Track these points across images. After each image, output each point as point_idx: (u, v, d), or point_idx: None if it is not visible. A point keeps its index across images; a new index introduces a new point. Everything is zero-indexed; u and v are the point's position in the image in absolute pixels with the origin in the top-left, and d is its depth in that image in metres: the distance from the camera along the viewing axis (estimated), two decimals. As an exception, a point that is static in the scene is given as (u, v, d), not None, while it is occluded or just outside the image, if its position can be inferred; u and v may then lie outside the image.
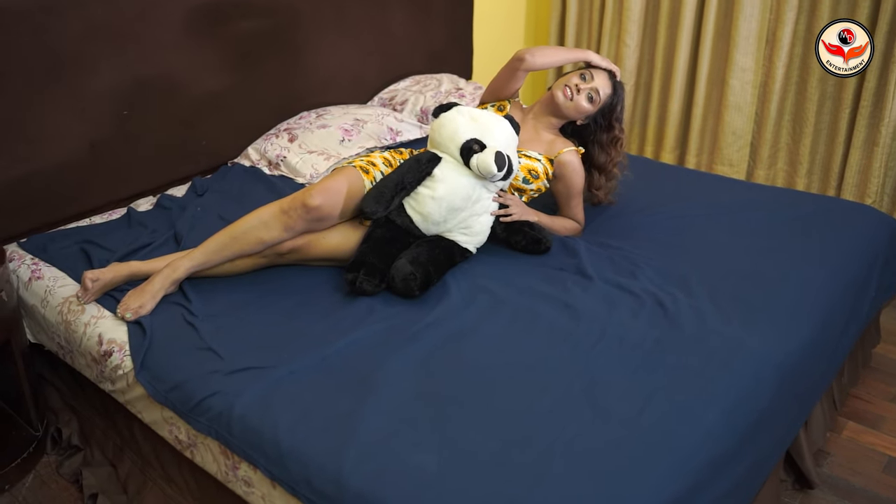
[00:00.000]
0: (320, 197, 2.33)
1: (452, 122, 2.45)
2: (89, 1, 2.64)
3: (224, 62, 3.05)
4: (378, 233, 2.40)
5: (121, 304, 2.26)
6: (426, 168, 2.42)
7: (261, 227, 2.33)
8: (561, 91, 2.66)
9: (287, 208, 2.33)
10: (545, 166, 2.68)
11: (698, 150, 4.14)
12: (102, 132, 2.79)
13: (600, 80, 2.68)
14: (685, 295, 2.36)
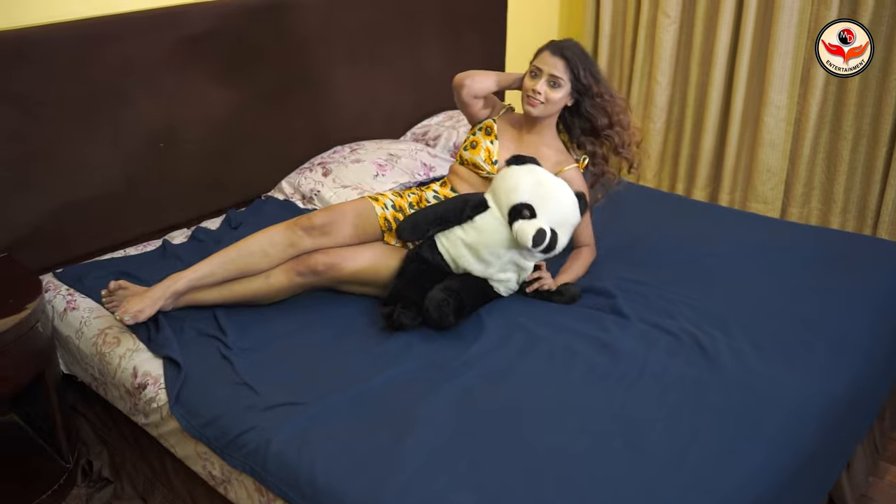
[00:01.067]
0: (323, 214, 2.42)
1: (516, 178, 2.41)
2: (128, 34, 2.65)
3: (259, 96, 3.06)
4: (412, 267, 2.39)
5: (120, 307, 2.27)
6: (470, 212, 2.40)
7: (266, 242, 2.37)
8: (528, 105, 2.59)
9: (291, 223, 2.40)
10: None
11: (731, 187, 4.10)
12: (138, 164, 2.80)
13: (549, 64, 2.55)
14: (724, 335, 2.33)
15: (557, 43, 2.58)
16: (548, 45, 2.59)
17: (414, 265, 2.39)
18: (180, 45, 2.79)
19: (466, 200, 2.43)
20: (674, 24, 4.00)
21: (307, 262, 2.38)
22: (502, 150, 2.66)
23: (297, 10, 3.06)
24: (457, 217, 2.41)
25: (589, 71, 2.58)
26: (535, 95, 2.55)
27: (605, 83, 2.64)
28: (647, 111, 4.20)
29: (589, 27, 4.34)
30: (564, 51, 2.55)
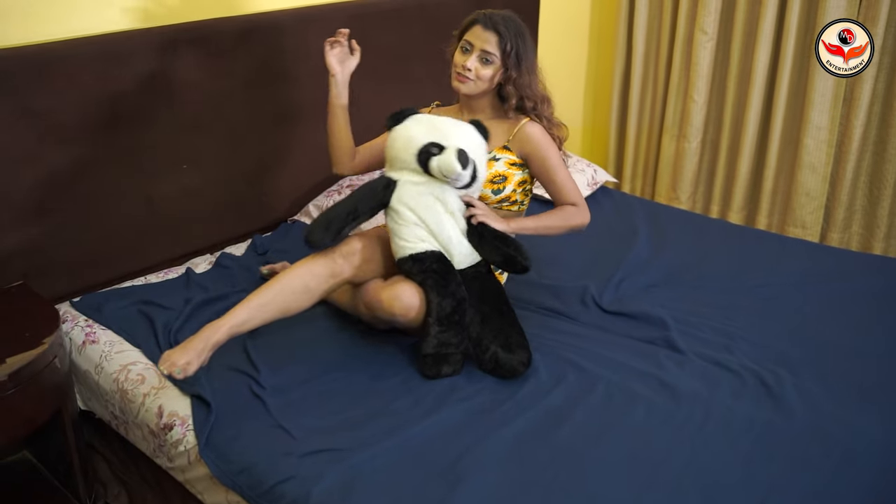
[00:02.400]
0: (360, 239, 2.26)
1: (405, 132, 2.23)
2: (151, 51, 2.52)
3: (285, 115, 2.92)
4: (444, 305, 2.19)
5: (164, 360, 2.02)
6: (382, 195, 2.22)
7: (306, 276, 2.17)
8: (456, 80, 2.38)
9: (329, 252, 2.21)
10: (508, 159, 2.42)
11: (769, 210, 3.96)
12: (160, 187, 2.66)
13: (481, 38, 2.33)
14: (788, 372, 2.19)
15: (491, 15, 2.35)
16: (480, 17, 2.36)
17: (438, 299, 2.18)
18: (205, 62, 2.65)
19: (373, 187, 2.23)
20: (711, 41, 3.86)
21: (382, 304, 2.19)
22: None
23: (325, 26, 2.91)
24: (371, 204, 2.22)
25: (516, 52, 2.34)
26: (465, 72, 2.34)
27: (530, 66, 2.40)
28: (682, 131, 4.06)
29: (621, 44, 4.21)
30: (498, 25, 2.33)
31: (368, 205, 2.21)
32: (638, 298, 2.59)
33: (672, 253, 2.89)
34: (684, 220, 3.21)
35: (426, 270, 2.18)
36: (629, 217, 3.20)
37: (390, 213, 2.23)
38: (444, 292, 2.16)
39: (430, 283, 2.17)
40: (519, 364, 2.15)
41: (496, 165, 2.40)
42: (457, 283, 2.19)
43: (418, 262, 2.19)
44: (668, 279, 2.72)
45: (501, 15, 2.36)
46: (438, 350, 2.15)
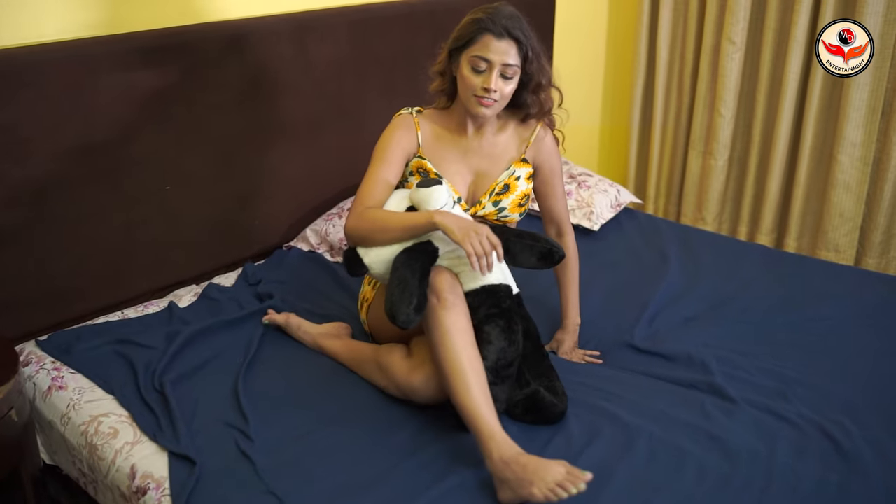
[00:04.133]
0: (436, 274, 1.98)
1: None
2: (130, 60, 2.26)
3: (280, 131, 2.66)
4: (507, 354, 1.91)
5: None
6: (432, 246, 1.96)
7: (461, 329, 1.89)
8: (478, 105, 2.05)
9: (437, 294, 1.89)
10: (527, 173, 2.22)
11: (799, 232, 3.69)
12: (140, 210, 2.40)
13: (499, 51, 2.01)
14: (854, 424, 1.92)
15: (496, 19, 2.01)
16: (487, 24, 2.00)
17: (511, 350, 1.93)
18: (191, 71, 2.39)
19: (419, 248, 1.96)
20: (739, 51, 3.61)
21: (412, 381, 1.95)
22: (451, 176, 2.17)
23: (325, 34, 2.66)
24: (430, 258, 1.95)
25: (536, 54, 2.07)
26: (489, 94, 2.03)
27: (545, 64, 2.13)
28: (708, 147, 3.80)
29: (642, 54, 3.95)
30: (512, 31, 2.00)
31: (430, 259, 1.94)
32: (675, 335, 2.32)
33: (709, 282, 2.62)
34: (718, 244, 2.94)
35: (498, 306, 1.94)
36: (657, 242, 2.92)
37: (446, 252, 1.96)
38: (511, 339, 1.92)
39: (496, 324, 1.92)
40: (560, 412, 1.92)
41: (520, 185, 2.20)
42: (518, 329, 1.95)
43: (492, 296, 1.95)
44: (707, 313, 2.45)
45: (505, 15, 2.03)
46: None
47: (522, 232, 2.02)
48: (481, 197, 2.18)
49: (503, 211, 2.19)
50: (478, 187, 2.19)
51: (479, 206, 2.18)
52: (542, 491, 1.58)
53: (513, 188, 2.18)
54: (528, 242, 1.99)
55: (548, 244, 1.99)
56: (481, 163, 2.19)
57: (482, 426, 1.72)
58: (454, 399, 1.78)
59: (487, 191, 2.17)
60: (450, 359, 1.80)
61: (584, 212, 2.97)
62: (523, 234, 2.01)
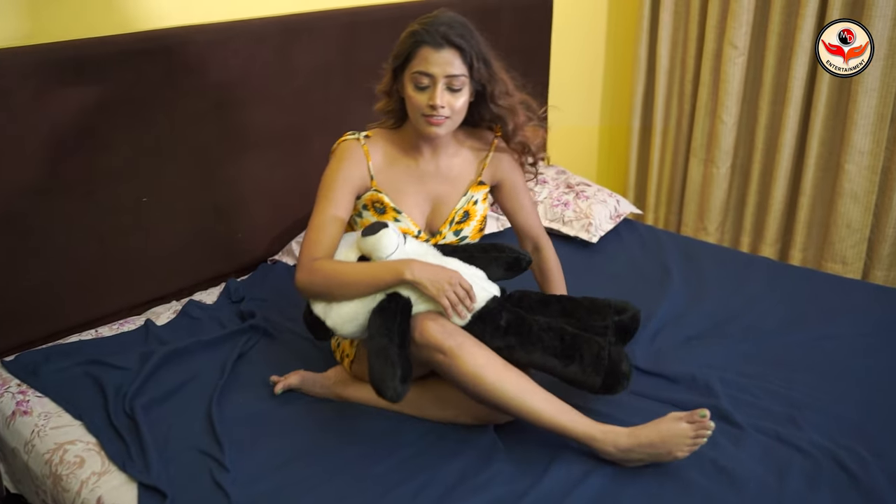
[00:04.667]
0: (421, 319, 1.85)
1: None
2: (104, 63, 2.15)
3: (264, 140, 2.54)
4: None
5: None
6: (403, 299, 1.81)
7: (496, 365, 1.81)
8: (428, 126, 1.88)
9: (444, 341, 1.78)
10: (484, 195, 2.09)
11: (804, 243, 3.58)
12: (115, 222, 2.28)
13: (440, 63, 1.83)
14: (869, 452, 1.82)
15: (431, 28, 1.84)
16: (422, 36, 1.84)
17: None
18: (170, 76, 2.28)
19: (390, 308, 1.80)
20: (742, 55, 3.50)
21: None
22: (410, 208, 2.00)
23: (312, 38, 2.55)
24: (405, 317, 1.80)
25: (483, 60, 1.89)
26: (437, 112, 1.85)
27: (498, 70, 1.95)
28: (710, 154, 3.69)
29: (642, 59, 3.85)
30: (450, 37, 1.83)
31: (405, 316, 1.79)
32: (678, 355, 2.20)
33: (712, 298, 2.50)
34: (722, 257, 2.82)
35: (498, 325, 1.85)
36: (659, 255, 2.80)
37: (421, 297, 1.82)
38: (538, 345, 1.84)
39: (511, 344, 1.84)
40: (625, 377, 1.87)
41: (478, 209, 2.07)
42: (535, 326, 1.87)
43: (486, 320, 1.85)
44: (712, 331, 2.33)
45: (443, 22, 1.85)
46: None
47: (485, 245, 1.97)
48: (441, 227, 2.02)
49: (464, 240, 2.06)
50: (436, 216, 2.03)
51: (439, 236, 2.03)
52: (684, 452, 1.69)
53: (472, 215, 2.06)
54: (493, 255, 1.94)
55: (513, 253, 1.94)
56: (439, 188, 2.02)
57: (577, 435, 1.74)
58: (533, 425, 1.76)
59: (447, 220, 2.02)
60: (498, 395, 1.74)
61: (583, 223, 2.85)
62: (486, 247, 1.96)
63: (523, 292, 1.99)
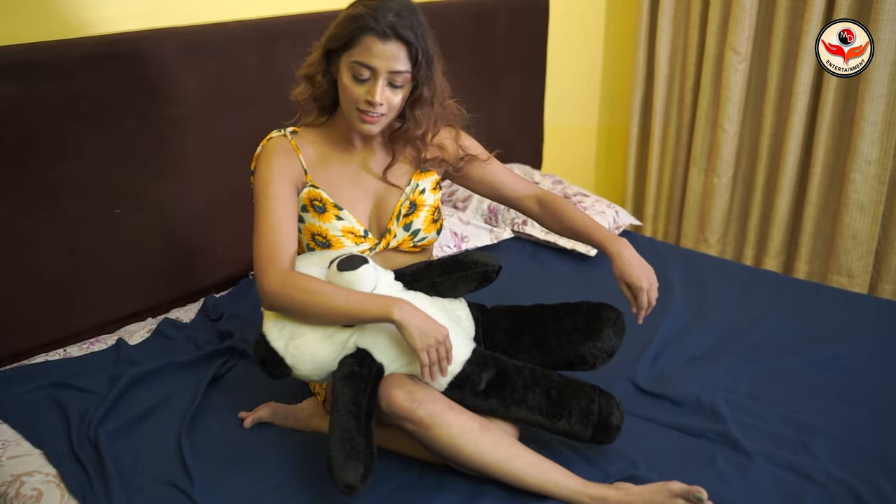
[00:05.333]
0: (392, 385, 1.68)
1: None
2: (73, 66, 2.02)
3: (246, 147, 2.40)
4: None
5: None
6: (368, 364, 1.65)
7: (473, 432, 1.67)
8: (361, 121, 1.71)
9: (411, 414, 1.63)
10: (433, 181, 1.91)
11: (810, 256, 3.46)
12: (86, 235, 2.15)
13: (385, 56, 1.65)
14: (890, 483, 1.68)
15: (379, 15, 1.63)
16: (363, 21, 1.63)
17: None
18: (145, 80, 2.16)
19: (351, 374, 1.63)
20: (744, 61, 3.39)
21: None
22: (351, 205, 1.81)
23: (295, 40, 2.42)
24: (369, 384, 1.63)
25: (427, 58, 1.72)
26: (374, 109, 1.69)
27: (436, 73, 1.77)
28: (711, 164, 3.58)
29: (641, 65, 3.74)
30: (400, 30, 1.64)
31: (375, 387, 1.63)
32: (681, 376, 2.08)
33: (716, 315, 2.38)
34: (725, 271, 2.70)
35: (475, 389, 1.70)
36: (660, 269, 2.62)
37: (395, 360, 1.68)
38: (528, 394, 1.71)
39: (498, 402, 1.71)
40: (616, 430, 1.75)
41: (427, 198, 1.89)
42: (523, 379, 1.73)
43: (467, 381, 1.70)
44: (717, 350, 2.21)
45: (391, 9, 1.65)
46: None
47: (447, 263, 1.79)
48: (388, 224, 1.85)
49: (418, 234, 1.87)
50: (381, 212, 1.85)
51: (389, 235, 1.84)
52: None
53: (420, 204, 1.87)
54: (458, 276, 1.78)
55: (478, 266, 1.78)
56: (379, 183, 1.85)
57: (564, 499, 1.61)
58: (514, 485, 1.63)
59: (393, 214, 1.85)
60: (478, 465, 1.63)
61: (580, 235, 2.73)
62: (448, 266, 1.79)
63: (491, 316, 1.86)
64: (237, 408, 1.92)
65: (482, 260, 1.78)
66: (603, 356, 1.82)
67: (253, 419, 1.88)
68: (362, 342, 1.65)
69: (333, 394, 1.60)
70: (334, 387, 1.61)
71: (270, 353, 1.62)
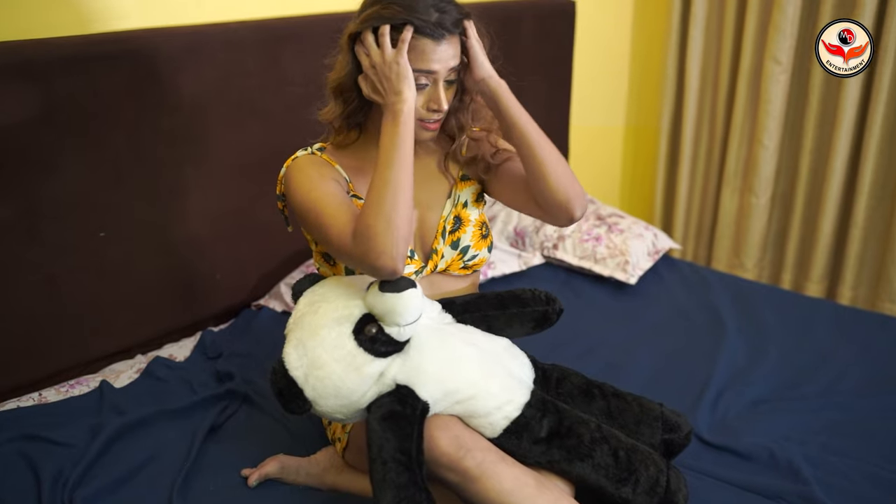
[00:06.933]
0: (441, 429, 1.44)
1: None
2: (55, 73, 1.78)
3: (247, 163, 2.17)
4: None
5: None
6: (412, 403, 1.41)
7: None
8: (422, 132, 1.52)
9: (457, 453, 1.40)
10: (474, 191, 1.69)
11: (855, 281, 3.22)
12: (67, 262, 1.91)
13: (443, 57, 1.46)
14: None
15: (420, 8, 1.43)
16: (417, 22, 1.42)
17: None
18: (133, 87, 1.92)
19: (395, 415, 1.38)
20: (785, 72, 3.15)
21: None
22: None
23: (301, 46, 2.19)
24: (417, 429, 1.39)
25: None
26: (437, 115, 1.51)
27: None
28: (747, 183, 3.33)
29: (671, 75, 3.49)
30: (448, 24, 1.44)
31: (420, 431, 1.39)
32: (747, 424, 1.84)
33: (777, 352, 2.13)
34: (779, 301, 2.44)
35: (533, 437, 1.46)
36: (707, 298, 2.42)
37: (443, 397, 1.43)
38: (596, 451, 1.46)
39: (560, 456, 1.46)
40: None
41: (471, 212, 1.67)
42: (592, 430, 1.49)
43: (525, 427, 1.46)
44: (782, 393, 1.97)
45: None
46: None
47: (504, 297, 1.56)
48: (433, 244, 1.63)
49: (467, 252, 1.65)
50: (424, 231, 1.65)
51: (435, 255, 1.63)
52: None
53: (465, 219, 1.66)
54: (514, 312, 1.55)
55: (539, 304, 1.55)
56: (420, 196, 1.61)
57: None
58: None
59: (437, 231, 1.63)
60: None
61: (618, 261, 2.47)
62: (505, 300, 1.56)
63: (562, 373, 1.60)
64: (239, 464, 1.66)
65: (543, 297, 1.54)
66: None
67: (259, 476, 1.63)
68: (403, 376, 1.41)
69: (372, 442, 1.35)
70: (371, 433, 1.36)
71: (289, 383, 1.39)
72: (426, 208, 1.64)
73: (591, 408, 1.56)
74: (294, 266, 2.32)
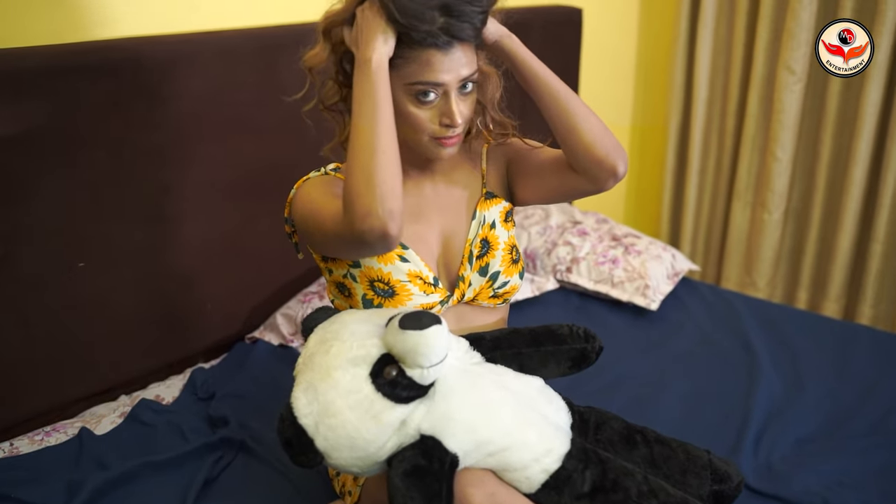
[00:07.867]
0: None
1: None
2: (30, 86, 1.61)
3: (238, 185, 2.00)
4: None
5: None
6: (439, 456, 1.24)
7: None
8: (439, 149, 1.36)
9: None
10: (503, 210, 1.52)
11: (875, 299, 3.08)
12: (41, 295, 1.72)
13: (454, 66, 1.29)
14: None
15: (426, 16, 1.25)
16: (422, 32, 1.26)
17: None
18: (115, 104, 1.75)
19: (432, 484, 1.22)
20: (800, 81, 3.01)
21: None
22: (420, 250, 1.44)
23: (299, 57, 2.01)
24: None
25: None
26: (454, 129, 1.34)
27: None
28: (759, 197, 3.19)
29: (678, 85, 3.36)
30: (456, 31, 1.27)
31: (449, 485, 1.23)
32: (794, 468, 1.68)
33: (816, 384, 1.98)
34: (811, 327, 2.28)
35: (575, 492, 1.30)
36: (734, 324, 2.26)
37: (474, 448, 1.27)
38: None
39: None
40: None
41: (500, 234, 1.50)
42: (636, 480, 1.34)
43: (566, 481, 1.30)
44: (827, 430, 1.81)
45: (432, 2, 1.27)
46: None
47: (538, 334, 1.40)
48: (460, 270, 1.48)
49: (497, 279, 1.48)
50: (449, 258, 1.50)
51: (462, 284, 1.47)
52: None
53: (494, 242, 1.49)
54: (550, 350, 1.38)
55: (576, 342, 1.39)
56: (443, 219, 1.49)
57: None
58: None
59: (464, 257, 1.48)
60: None
61: (637, 285, 2.31)
62: (539, 336, 1.40)
63: (600, 417, 1.43)
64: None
65: (582, 333, 1.38)
66: None
67: None
68: (428, 425, 1.24)
69: (395, 502, 1.18)
70: (394, 490, 1.19)
71: (298, 432, 1.22)
72: (450, 236, 1.48)
73: (633, 456, 1.40)
74: (290, 294, 2.15)
